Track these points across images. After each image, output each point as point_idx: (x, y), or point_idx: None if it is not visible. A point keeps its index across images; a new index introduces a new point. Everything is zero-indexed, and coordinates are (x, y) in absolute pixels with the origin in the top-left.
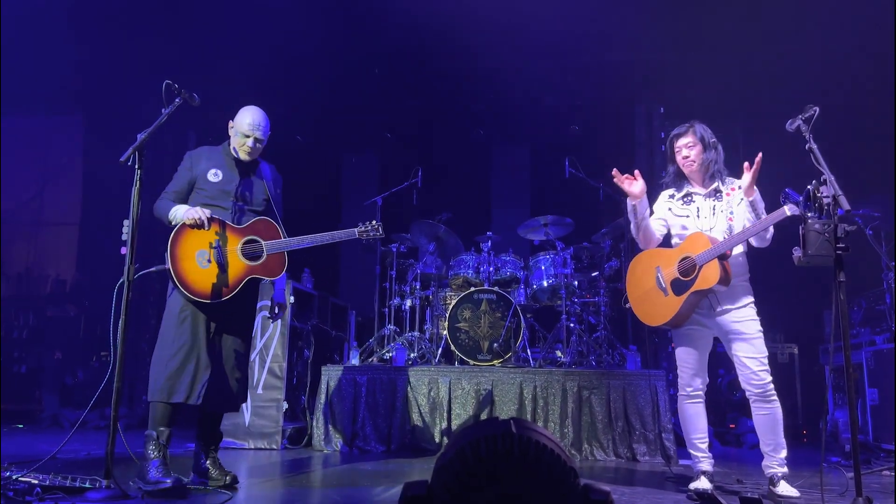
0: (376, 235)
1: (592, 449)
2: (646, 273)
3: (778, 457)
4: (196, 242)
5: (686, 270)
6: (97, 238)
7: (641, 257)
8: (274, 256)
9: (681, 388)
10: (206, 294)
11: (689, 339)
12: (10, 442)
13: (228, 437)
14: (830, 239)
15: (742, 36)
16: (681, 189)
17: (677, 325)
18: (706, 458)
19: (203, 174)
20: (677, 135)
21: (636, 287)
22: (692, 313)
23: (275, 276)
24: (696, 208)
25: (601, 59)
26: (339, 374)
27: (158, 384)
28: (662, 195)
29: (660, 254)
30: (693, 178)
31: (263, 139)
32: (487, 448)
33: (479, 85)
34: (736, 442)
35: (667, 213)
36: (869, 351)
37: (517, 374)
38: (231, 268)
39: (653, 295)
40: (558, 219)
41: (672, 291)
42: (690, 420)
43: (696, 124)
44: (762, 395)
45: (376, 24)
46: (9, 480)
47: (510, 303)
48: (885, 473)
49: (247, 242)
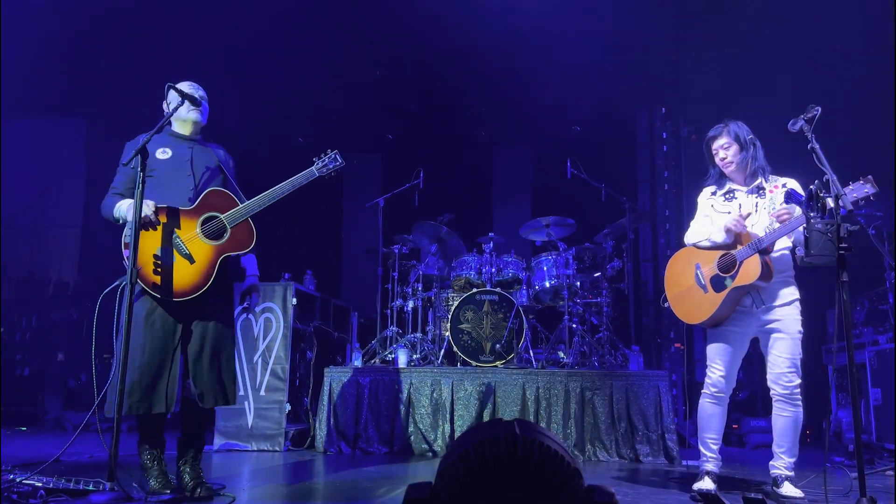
0: (337, 166)
1: (595, 450)
2: (685, 271)
3: (787, 460)
4: (153, 241)
5: (726, 266)
6: (99, 241)
7: (680, 255)
8: (239, 227)
9: (706, 386)
10: (185, 291)
11: (724, 337)
12: (14, 445)
13: (231, 439)
14: (833, 239)
15: (744, 36)
16: (722, 186)
17: (717, 324)
18: (714, 458)
19: (151, 155)
20: (713, 137)
21: (675, 285)
22: (733, 311)
23: (246, 248)
24: (739, 205)
25: (603, 60)
26: (342, 376)
27: (135, 397)
28: (704, 192)
29: (699, 251)
30: (734, 178)
31: (205, 96)
32: (491, 450)
33: (480, 86)
34: (739, 442)
35: (710, 210)
36: (872, 351)
37: (520, 375)
38: (198, 255)
39: (692, 292)
40: (560, 219)
41: (712, 288)
42: (708, 419)
43: (731, 123)
44: (788, 396)
45: (378, 26)
46: (12, 483)
47: (512, 304)
48: (889, 473)
49: (204, 222)
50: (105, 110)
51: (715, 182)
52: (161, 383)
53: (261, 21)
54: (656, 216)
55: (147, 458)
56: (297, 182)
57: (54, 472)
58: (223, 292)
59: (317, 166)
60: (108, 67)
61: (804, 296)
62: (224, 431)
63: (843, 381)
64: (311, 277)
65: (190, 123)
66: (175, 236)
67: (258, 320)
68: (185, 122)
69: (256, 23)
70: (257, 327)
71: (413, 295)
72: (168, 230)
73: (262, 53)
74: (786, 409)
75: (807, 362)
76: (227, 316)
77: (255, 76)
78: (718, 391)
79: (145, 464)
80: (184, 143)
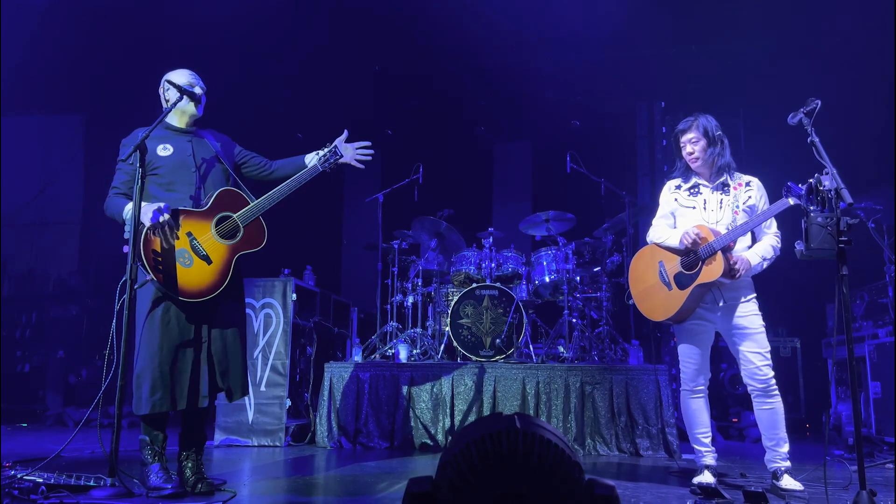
0: (337, 159)
1: (595, 444)
2: (648, 268)
3: (780, 451)
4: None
5: (689, 264)
6: (98, 237)
7: (643, 253)
8: (251, 226)
9: (683, 383)
10: (202, 292)
11: (691, 334)
12: (15, 441)
13: (232, 435)
14: (833, 232)
15: (743, 29)
16: (688, 180)
17: (681, 320)
18: (709, 452)
19: (151, 152)
20: (682, 130)
21: (639, 282)
22: (696, 307)
23: (258, 246)
24: (703, 200)
25: (602, 54)
26: (342, 371)
27: (145, 394)
28: (668, 185)
29: (662, 249)
30: (700, 173)
31: (204, 87)
32: (492, 444)
33: (479, 81)
34: (739, 436)
35: (673, 205)
36: (871, 344)
37: (520, 370)
38: (215, 255)
39: (656, 290)
40: (560, 214)
41: (676, 286)
42: (693, 415)
43: (701, 117)
44: (765, 390)
45: (377, 21)
46: (13, 479)
47: (512, 298)
48: (889, 466)
49: (218, 222)
50: (103, 106)
51: (681, 175)
52: (183, 380)
53: (259, 15)
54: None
55: (148, 453)
56: (302, 178)
57: (55, 467)
58: (237, 288)
59: (320, 161)
60: (106, 63)
61: (804, 290)
62: (224, 427)
63: (842, 375)
64: (311, 273)
65: (187, 116)
66: (192, 238)
67: (258, 316)
68: (182, 113)
69: (255, 17)
70: (257, 323)
71: (413, 290)
72: (185, 232)
73: (260, 48)
74: (764, 402)
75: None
76: (240, 314)
77: (254, 71)
78: (696, 385)
79: (146, 459)
80: (182, 137)
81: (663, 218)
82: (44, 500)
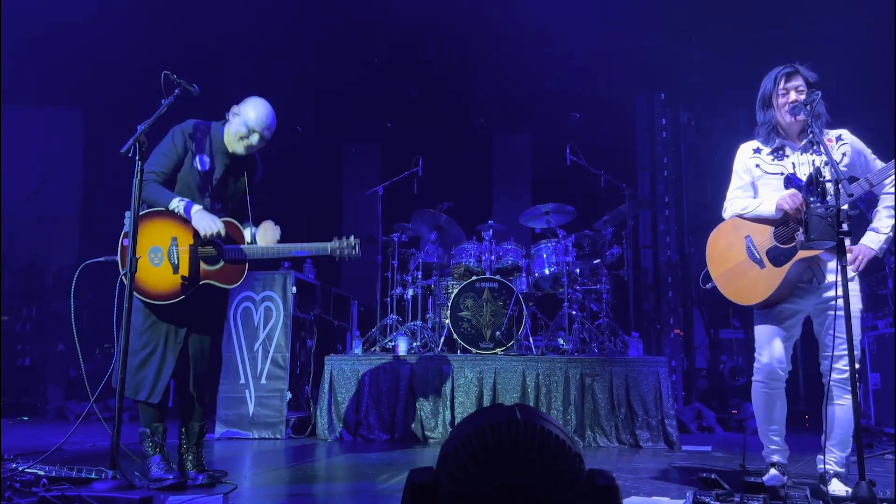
0: (352, 254)
1: (595, 435)
2: (733, 245)
3: (840, 454)
4: (153, 237)
5: (787, 237)
6: (98, 230)
7: (723, 228)
8: (233, 265)
9: (756, 372)
10: (154, 294)
11: (777, 318)
12: (16, 434)
13: (232, 428)
14: (833, 223)
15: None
16: (770, 143)
17: (775, 302)
18: (779, 449)
19: (189, 157)
20: (788, 73)
21: (722, 262)
22: (794, 287)
23: (231, 285)
24: (792, 163)
25: (602, 46)
26: (342, 364)
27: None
28: (743, 150)
29: (746, 222)
30: (790, 130)
31: (269, 139)
32: (493, 435)
33: (479, 73)
34: (738, 427)
35: (754, 172)
36: (871, 335)
37: (520, 362)
38: (184, 269)
39: (745, 269)
40: (559, 207)
41: (769, 262)
42: (765, 409)
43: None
44: (846, 381)
45: (376, 13)
46: (14, 472)
47: (512, 291)
48: (888, 457)
49: (204, 243)
50: (102, 100)
51: (764, 137)
52: (146, 372)
53: (258, 9)
54: (656, 203)
55: (149, 445)
56: (306, 248)
57: (56, 460)
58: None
59: (332, 245)
60: (105, 57)
61: None
62: (225, 420)
63: None
64: (311, 266)
65: (241, 149)
66: (174, 244)
67: (258, 309)
68: (237, 145)
69: (254, 11)
70: (257, 316)
71: (413, 283)
72: (172, 235)
73: (260, 41)
74: (842, 396)
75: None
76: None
77: (253, 64)
78: (772, 377)
79: (147, 451)
80: (221, 161)
81: (741, 189)
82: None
